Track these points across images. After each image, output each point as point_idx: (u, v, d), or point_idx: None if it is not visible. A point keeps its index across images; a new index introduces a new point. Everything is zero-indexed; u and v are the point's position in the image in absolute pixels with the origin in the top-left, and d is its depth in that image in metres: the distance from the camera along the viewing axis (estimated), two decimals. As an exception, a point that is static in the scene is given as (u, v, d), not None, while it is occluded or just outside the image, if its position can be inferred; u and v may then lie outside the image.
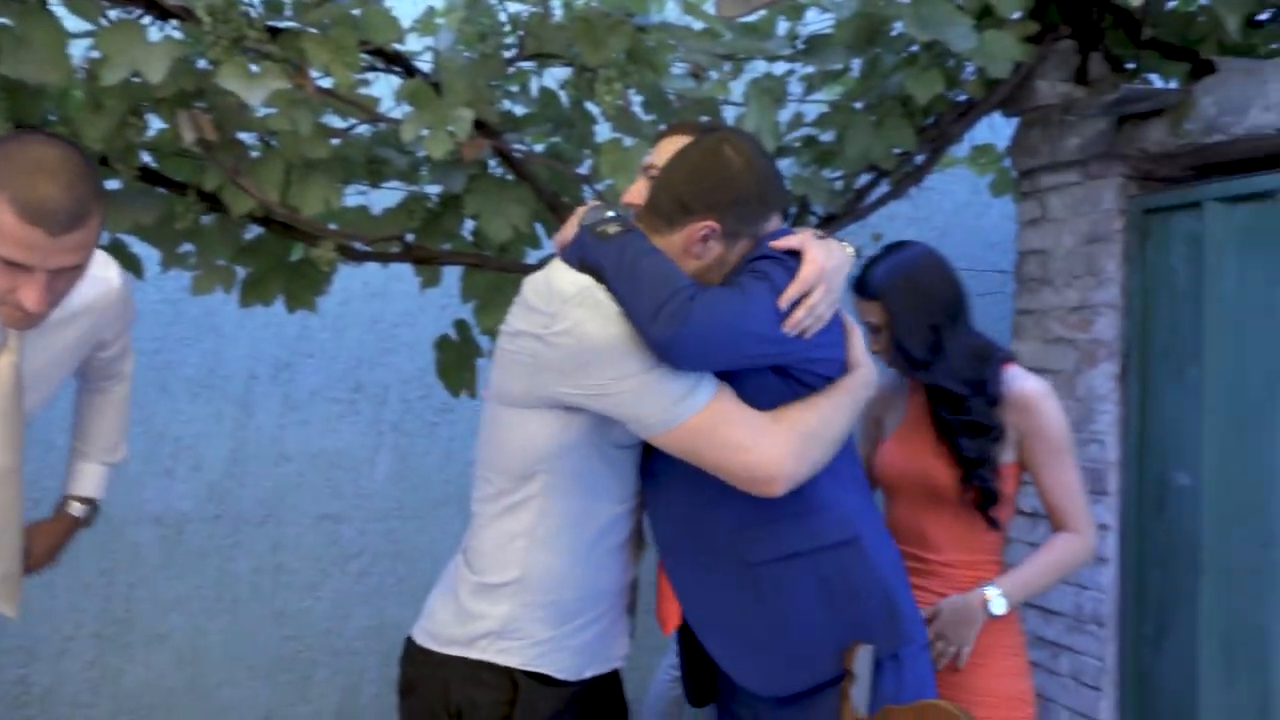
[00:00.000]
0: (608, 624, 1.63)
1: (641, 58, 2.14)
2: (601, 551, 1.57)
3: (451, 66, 2.02)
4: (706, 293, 1.44)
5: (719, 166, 1.52)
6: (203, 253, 2.28)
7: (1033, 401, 2.01)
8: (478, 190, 2.29)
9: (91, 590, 3.09)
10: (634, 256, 1.46)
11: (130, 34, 1.78)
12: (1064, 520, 2.08)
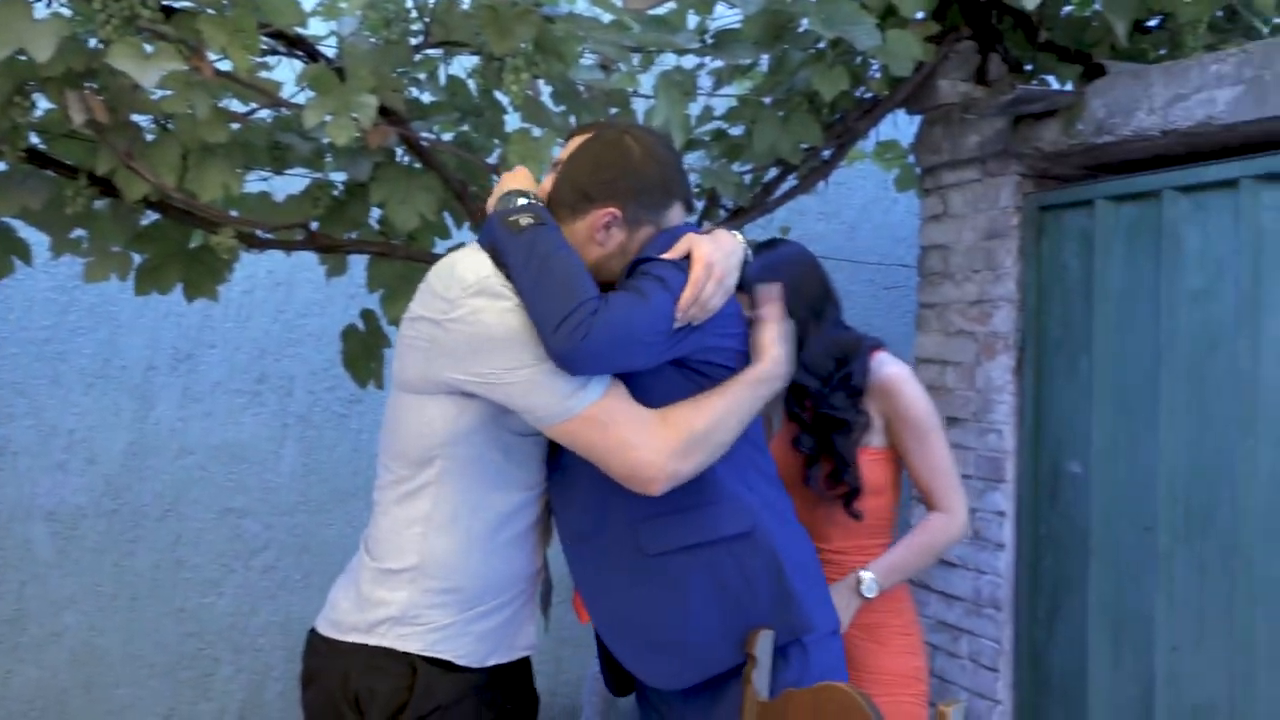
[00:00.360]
0: (512, 612, 1.62)
1: (549, 48, 2.14)
2: (503, 539, 1.57)
3: (355, 52, 1.99)
4: (607, 305, 1.45)
5: (620, 156, 1.55)
6: (96, 239, 2.21)
7: (894, 386, 2.09)
8: (384, 178, 2.26)
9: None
10: (542, 256, 1.47)
11: (16, 10, 1.71)
12: (934, 500, 2.14)
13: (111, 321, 3.06)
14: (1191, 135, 2.42)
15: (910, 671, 2.17)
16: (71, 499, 3.01)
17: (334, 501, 3.29)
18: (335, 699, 1.53)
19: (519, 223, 1.50)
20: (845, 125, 2.83)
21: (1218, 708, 2.35)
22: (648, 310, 1.46)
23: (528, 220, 1.50)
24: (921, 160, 3.11)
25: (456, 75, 2.39)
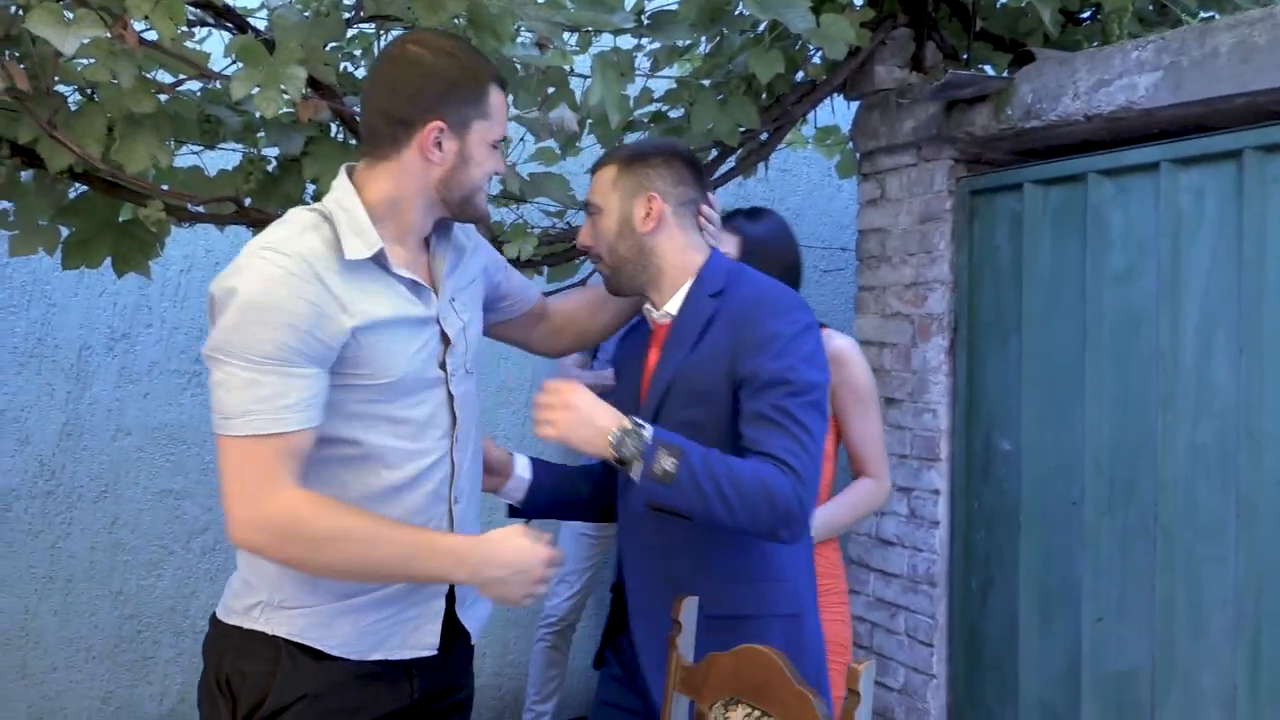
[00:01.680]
0: (402, 609, 1.53)
1: (484, 24, 2.15)
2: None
3: (285, 24, 1.98)
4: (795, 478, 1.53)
5: (414, 67, 1.49)
6: (21, 212, 2.19)
7: (844, 356, 2.25)
8: (317, 153, 2.26)
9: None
10: (713, 486, 1.50)
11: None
12: (864, 466, 2.31)
13: (45, 300, 3.02)
14: (1114, 120, 2.48)
15: (842, 640, 2.22)
16: (3, 480, 2.97)
17: (275, 484, 3.27)
18: (210, 681, 1.49)
19: (667, 471, 1.51)
20: (783, 109, 2.86)
21: (1140, 674, 2.42)
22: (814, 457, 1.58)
23: (670, 462, 1.51)
24: (859, 145, 3.15)
25: (392, 52, 2.38)
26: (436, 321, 1.55)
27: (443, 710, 1.63)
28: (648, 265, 1.74)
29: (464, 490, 1.60)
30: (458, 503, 1.59)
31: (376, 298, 1.46)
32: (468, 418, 1.60)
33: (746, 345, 1.61)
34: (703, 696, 1.61)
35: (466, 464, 1.61)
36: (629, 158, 1.76)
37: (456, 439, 1.57)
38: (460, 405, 1.58)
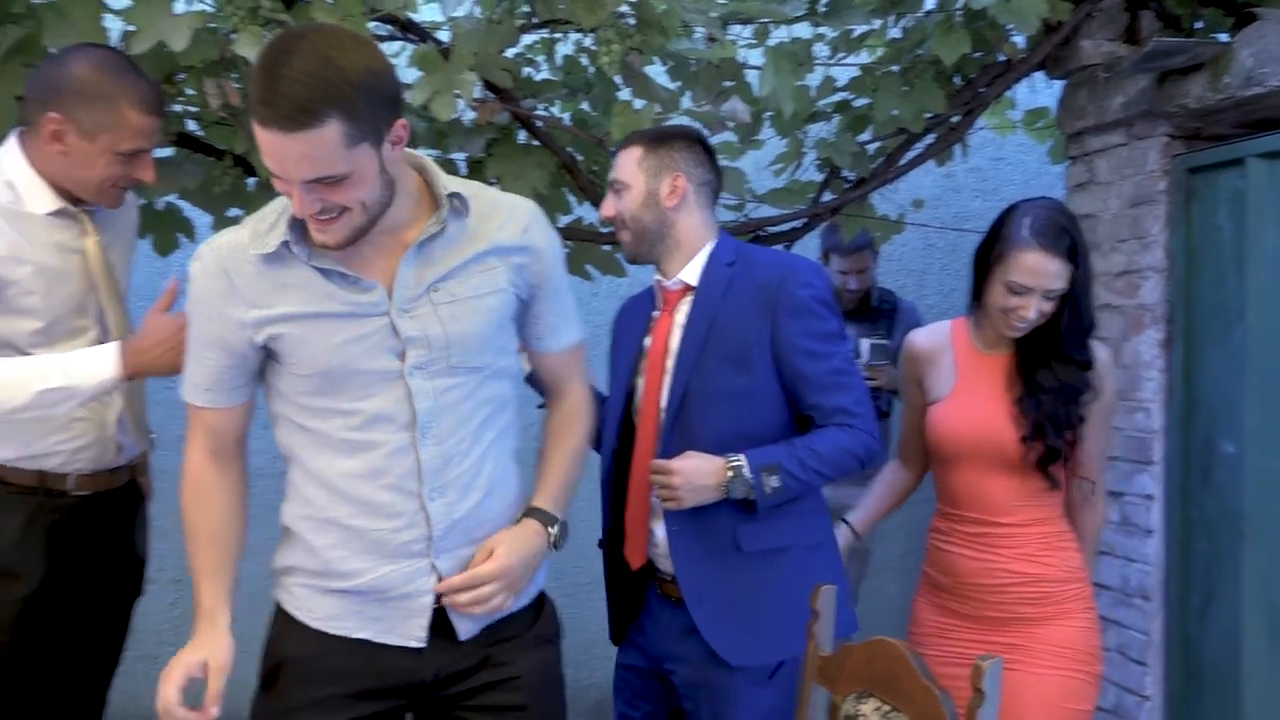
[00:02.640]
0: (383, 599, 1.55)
1: (651, 21, 2.20)
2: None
3: (461, 32, 2.11)
4: (863, 420, 1.84)
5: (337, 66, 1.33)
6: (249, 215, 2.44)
7: (1104, 366, 2.07)
8: (500, 155, 2.39)
9: (170, 538, 3.32)
10: (810, 474, 1.81)
11: (158, 6, 1.93)
12: (1089, 487, 2.11)
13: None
14: (1352, 82, 2.20)
15: (1092, 648, 2.04)
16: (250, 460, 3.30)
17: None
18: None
19: (774, 489, 1.79)
20: (973, 91, 2.73)
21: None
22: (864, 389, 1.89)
23: (774, 480, 1.79)
24: (1065, 126, 2.96)
25: (570, 54, 2.48)
26: (384, 314, 1.49)
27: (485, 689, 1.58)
28: (666, 236, 1.91)
29: (448, 487, 1.53)
30: (435, 499, 1.52)
31: (290, 292, 1.47)
32: (447, 413, 1.53)
33: (785, 308, 1.83)
34: (837, 688, 1.58)
35: (446, 461, 1.53)
36: (654, 140, 1.92)
37: (423, 434, 1.51)
38: (429, 399, 1.51)
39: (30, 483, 1.84)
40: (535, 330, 1.66)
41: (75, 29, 1.92)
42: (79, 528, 1.89)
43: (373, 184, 1.39)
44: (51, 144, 1.75)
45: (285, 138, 1.30)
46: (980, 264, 2.01)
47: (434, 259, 1.51)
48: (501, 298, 1.56)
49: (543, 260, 1.60)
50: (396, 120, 1.40)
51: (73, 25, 1.92)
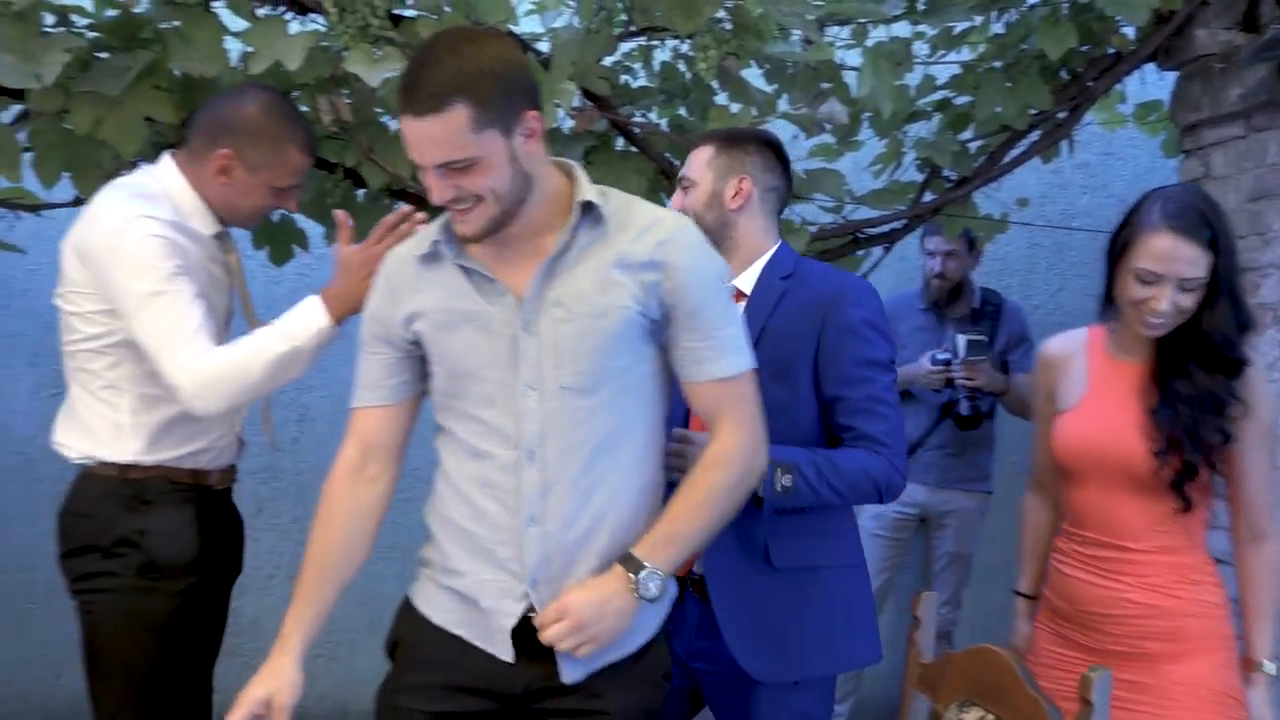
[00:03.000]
0: (475, 605, 1.56)
1: (746, 25, 2.20)
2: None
3: (559, 42, 2.15)
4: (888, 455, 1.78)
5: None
6: (357, 226, 2.53)
7: (1251, 375, 1.80)
8: (598, 161, 2.42)
9: (288, 535, 3.45)
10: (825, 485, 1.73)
11: (274, 28, 2.02)
12: (1257, 517, 1.83)
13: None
14: None
15: (1231, 691, 1.81)
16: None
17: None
18: None
19: (785, 486, 1.71)
20: (1080, 86, 2.66)
21: None
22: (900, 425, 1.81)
23: (787, 479, 1.71)
24: (1179, 119, 2.86)
25: (668, 60, 2.50)
26: (509, 322, 1.49)
27: (574, 715, 1.54)
28: (725, 238, 1.86)
29: (546, 516, 1.48)
30: (531, 526, 1.48)
31: (434, 288, 1.52)
32: (554, 438, 1.48)
33: (834, 326, 1.79)
34: (939, 695, 1.57)
35: (547, 488, 1.48)
36: (726, 140, 1.89)
37: (528, 456, 1.48)
38: (536, 421, 1.48)
39: (187, 481, 1.94)
40: (675, 356, 1.54)
41: (198, 52, 2.02)
42: (220, 521, 2.01)
43: (501, 172, 1.41)
44: (218, 175, 1.88)
45: (418, 122, 1.37)
46: (1110, 255, 1.81)
47: (564, 271, 1.48)
48: (622, 317, 1.47)
49: (680, 279, 1.48)
50: (527, 111, 1.42)
51: (196, 49, 2.02)
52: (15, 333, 3.08)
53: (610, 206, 1.50)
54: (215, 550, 1.98)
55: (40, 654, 3.23)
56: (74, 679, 3.23)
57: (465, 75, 1.36)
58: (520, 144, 1.43)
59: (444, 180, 1.41)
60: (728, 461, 1.54)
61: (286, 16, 2.09)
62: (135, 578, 1.88)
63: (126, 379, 1.88)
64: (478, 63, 1.37)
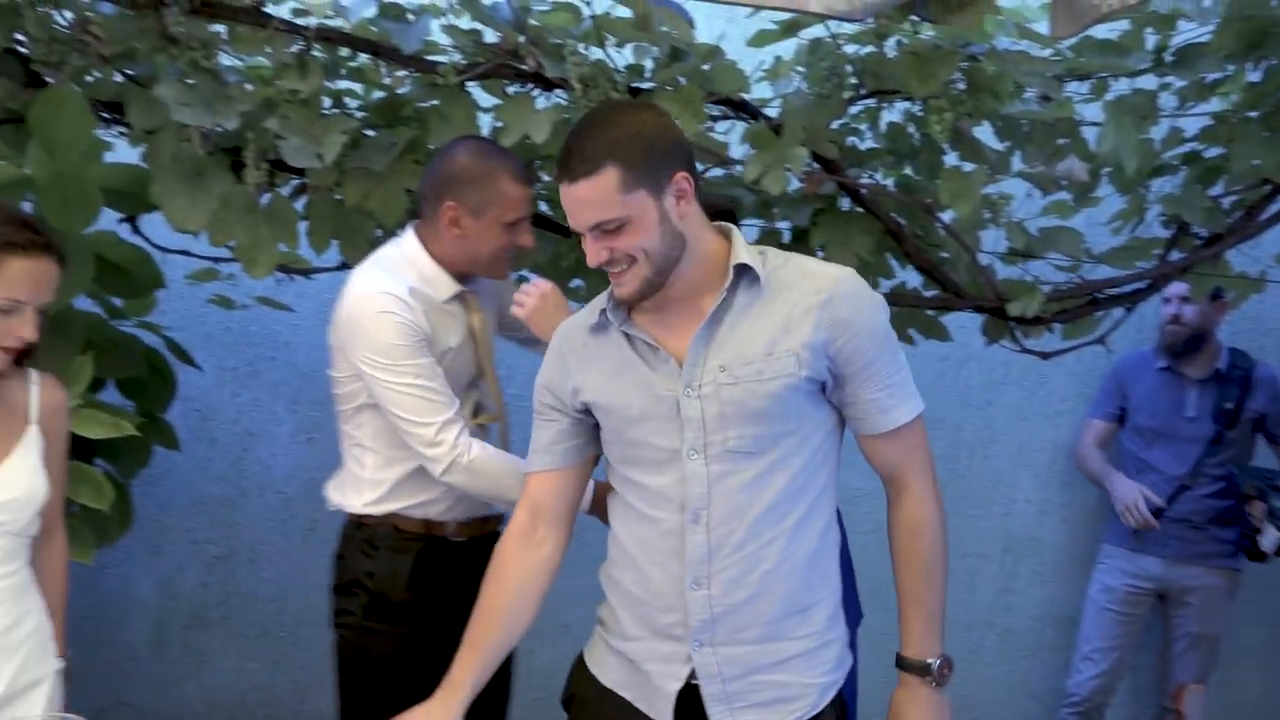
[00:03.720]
0: (638, 667, 1.63)
1: (982, 86, 2.18)
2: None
3: (791, 108, 2.19)
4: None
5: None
6: (590, 286, 2.64)
7: None
8: (824, 223, 2.43)
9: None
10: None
11: (523, 105, 2.16)
12: None
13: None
14: None
15: None
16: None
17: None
18: None
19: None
20: (1351, 134, 2.46)
21: None
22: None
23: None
24: None
25: (896, 121, 2.49)
26: (672, 387, 1.51)
27: None
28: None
29: (711, 579, 1.50)
30: (695, 590, 1.50)
31: (602, 358, 1.57)
32: (720, 501, 1.49)
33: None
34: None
35: (712, 551, 1.50)
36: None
37: (692, 519, 1.50)
38: (702, 485, 1.50)
39: (418, 530, 2.07)
40: (854, 412, 1.54)
41: (454, 128, 2.18)
42: (458, 572, 2.07)
43: (652, 232, 1.46)
44: (450, 229, 2.01)
45: (572, 188, 1.45)
46: None
47: (724, 334, 1.50)
48: (787, 383, 1.47)
49: (851, 335, 1.48)
50: (678, 173, 1.47)
51: (452, 125, 2.18)
52: (279, 381, 3.37)
53: (768, 267, 1.51)
54: (447, 599, 2.04)
55: (288, 679, 3.47)
56: (318, 704, 3.48)
57: (613, 140, 1.44)
58: (671, 205, 1.47)
59: (598, 243, 1.48)
60: (929, 526, 1.55)
61: (534, 93, 2.22)
62: (363, 618, 2.05)
63: (370, 438, 2.05)
64: (626, 129, 1.45)
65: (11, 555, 1.72)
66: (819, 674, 1.56)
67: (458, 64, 2.15)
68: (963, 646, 3.60)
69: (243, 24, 2.07)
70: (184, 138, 2.16)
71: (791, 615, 1.52)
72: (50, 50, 2.12)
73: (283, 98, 2.11)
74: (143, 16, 2.05)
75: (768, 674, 1.53)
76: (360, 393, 2.02)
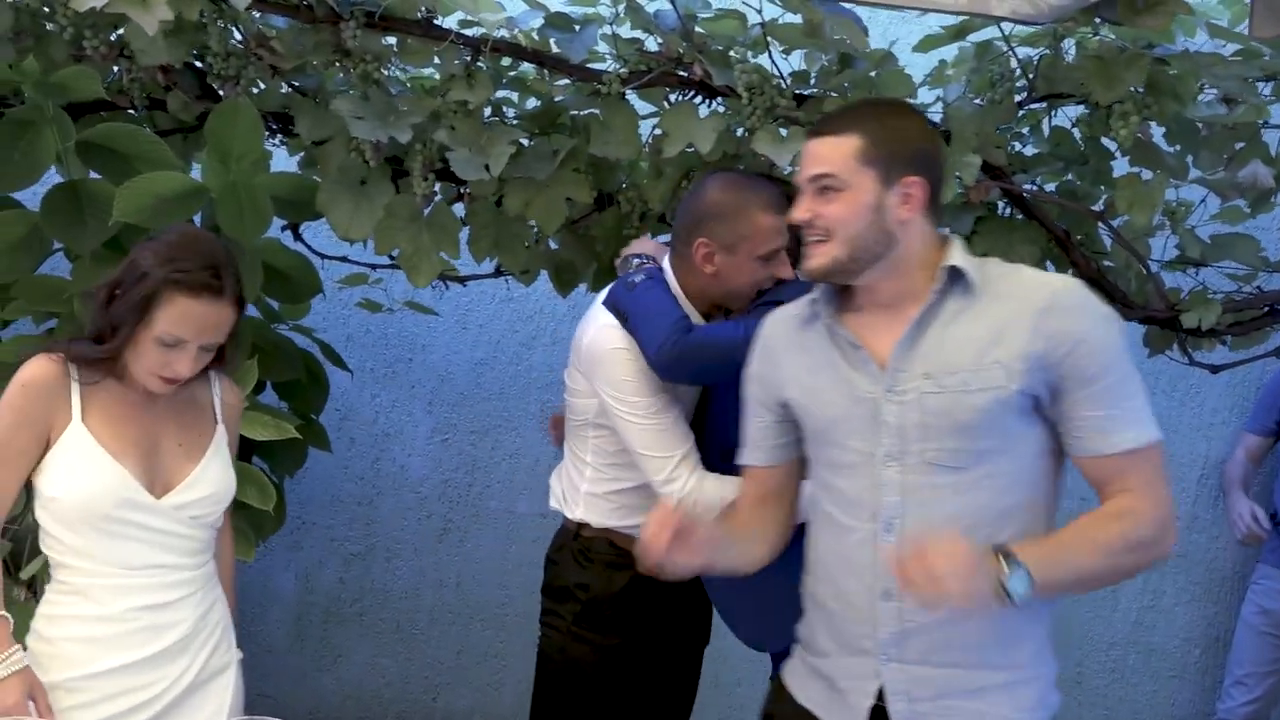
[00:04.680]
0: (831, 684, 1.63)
1: (1164, 89, 2.09)
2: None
3: (960, 115, 2.13)
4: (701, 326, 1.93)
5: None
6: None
7: None
8: (986, 231, 2.36)
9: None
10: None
11: (687, 113, 2.14)
12: None
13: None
14: None
15: None
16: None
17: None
18: None
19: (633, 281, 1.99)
20: None
21: None
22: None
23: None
24: None
25: (1061, 126, 2.41)
26: (872, 390, 1.48)
27: None
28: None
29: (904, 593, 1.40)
30: (886, 601, 1.47)
31: (805, 354, 1.56)
32: (916, 513, 1.45)
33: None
34: None
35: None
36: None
37: (885, 528, 1.46)
38: (896, 494, 1.46)
39: (632, 547, 2.06)
40: (1070, 429, 1.45)
41: (616, 136, 2.17)
42: (668, 592, 2.04)
43: (860, 215, 1.44)
44: (704, 265, 1.98)
45: (812, 141, 1.50)
46: None
47: (931, 340, 1.45)
48: (996, 396, 1.41)
49: (1072, 348, 1.40)
50: (913, 177, 1.45)
51: (614, 133, 2.17)
52: (416, 383, 3.42)
53: (986, 275, 1.46)
54: (654, 617, 2.07)
55: (421, 676, 3.53)
56: (449, 701, 3.54)
57: (871, 120, 1.47)
58: (894, 202, 1.45)
59: (810, 201, 1.49)
60: (1136, 518, 1.41)
61: (695, 101, 2.20)
62: (572, 625, 2.05)
63: (590, 454, 2.07)
64: (887, 118, 1.48)
65: (206, 547, 1.80)
66: (1018, 710, 1.48)
67: (621, 73, 2.13)
68: (1104, 664, 3.48)
69: (415, 36, 2.09)
70: (353, 148, 2.19)
71: (992, 645, 1.46)
72: (227, 64, 2.18)
73: (449, 109, 2.13)
74: (318, 30, 2.08)
75: (961, 700, 1.48)
76: (590, 409, 2.04)
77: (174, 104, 2.40)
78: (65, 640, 1.68)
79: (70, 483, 1.64)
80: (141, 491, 1.67)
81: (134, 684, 1.69)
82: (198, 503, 1.74)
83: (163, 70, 2.31)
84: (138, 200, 2.13)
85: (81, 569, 1.69)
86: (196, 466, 1.75)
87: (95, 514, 1.65)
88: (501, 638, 3.49)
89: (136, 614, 1.69)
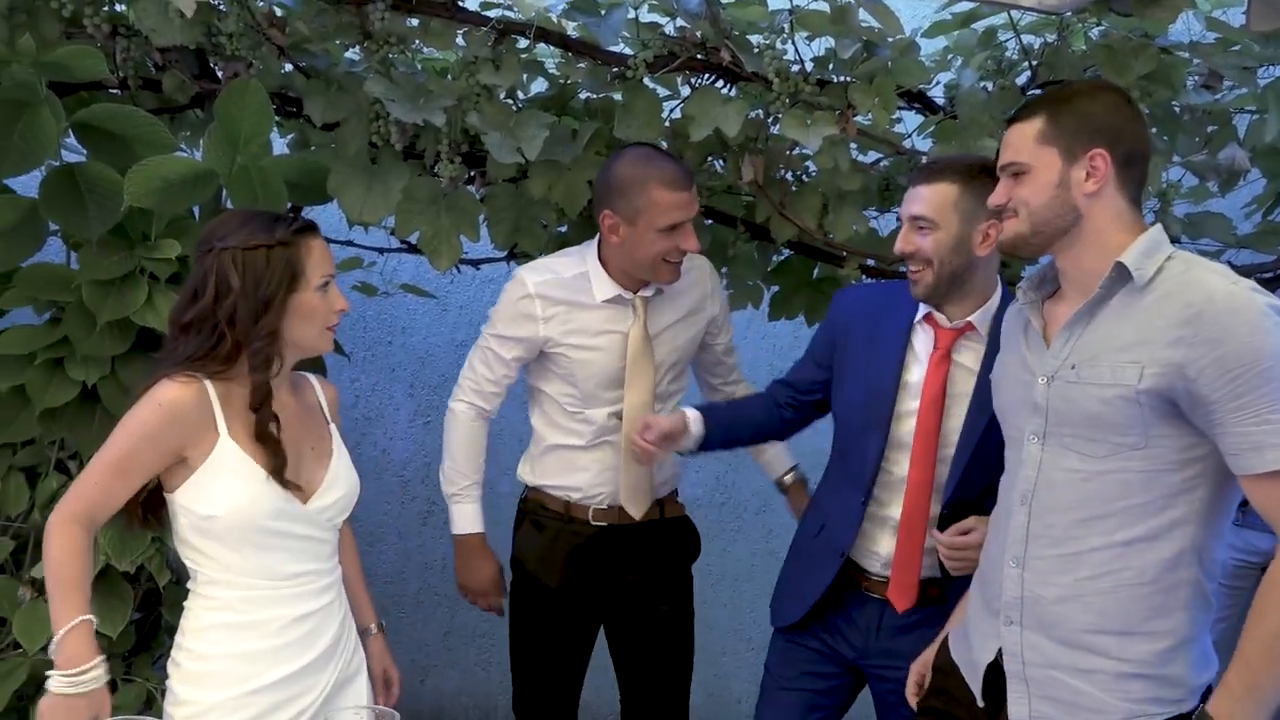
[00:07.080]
0: None
1: (1161, 78, 2.20)
2: None
3: (970, 100, 2.22)
4: None
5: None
6: (734, 274, 2.67)
7: None
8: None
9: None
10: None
11: (712, 97, 2.18)
12: None
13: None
14: None
15: None
16: (689, 491, 3.57)
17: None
18: None
19: None
20: None
21: None
22: None
23: None
24: None
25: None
26: (1034, 369, 1.60)
27: None
28: (965, 283, 1.87)
29: (1026, 562, 1.57)
30: (1012, 567, 1.60)
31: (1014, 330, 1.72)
32: (1047, 490, 1.56)
33: None
34: None
35: (1032, 538, 1.55)
36: (969, 179, 1.82)
37: (1021, 500, 1.59)
38: (1034, 468, 1.58)
39: (559, 509, 2.26)
40: (1224, 445, 1.38)
41: (638, 120, 2.20)
42: (595, 554, 2.27)
43: (1043, 191, 1.51)
44: (610, 237, 2.09)
45: (1006, 131, 1.58)
46: None
47: (1091, 330, 1.49)
48: (1123, 394, 1.41)
49: (1217, 357, 1.35)
50: (1099, 150, 1.49)
51: (636, 117, 2.20)
52: (396, 366, 3.39)
53: (1162, 272, 1.44)
54: (592, 582, 2.28)
55: (408, 659, 3.51)
56: (438, 683, 3.54)
57: (1055, 99, 1.55)
58: (1078, 176, 1.50)
59: (1003, 186, 1.57)
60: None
61: (719, 85, 2.23)
62: (517, 583, 2.31)
63: (535, 417, 2.29)
64: (1072, 97, 1.54)
65: (335, 550, 1.81)
66: (1124, 700, 1.47)
67: (645, 57, 2.15)
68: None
69: (441, 18, 2.08)
70: (374, 131, 2.17)
71: (1108, 634, 1.47)
72: (239, 44, 2.13)
73: (473, 91, 2.12)
74: (341, 11, 2.05)
75: (1067, 676, 1.51)
76: (533, 373, 2.23)
77: (169, 84, 2.33)
78: (222, 657, 1.67)
79: (229, 500, 1.62)
80: (292, 500, 1.67)
81: (292, 693, 1.69)
82: (335, 504, 1.75)
83: (162, 50, 2.24)
84: (146, 184, 2.08)
85: (232, 582, 1.67)
86: (329, 468, 1.75)
87: (251, 527, 1.64)
88: (488, 618, 3.47)
89: (290, 625, 1.69)
